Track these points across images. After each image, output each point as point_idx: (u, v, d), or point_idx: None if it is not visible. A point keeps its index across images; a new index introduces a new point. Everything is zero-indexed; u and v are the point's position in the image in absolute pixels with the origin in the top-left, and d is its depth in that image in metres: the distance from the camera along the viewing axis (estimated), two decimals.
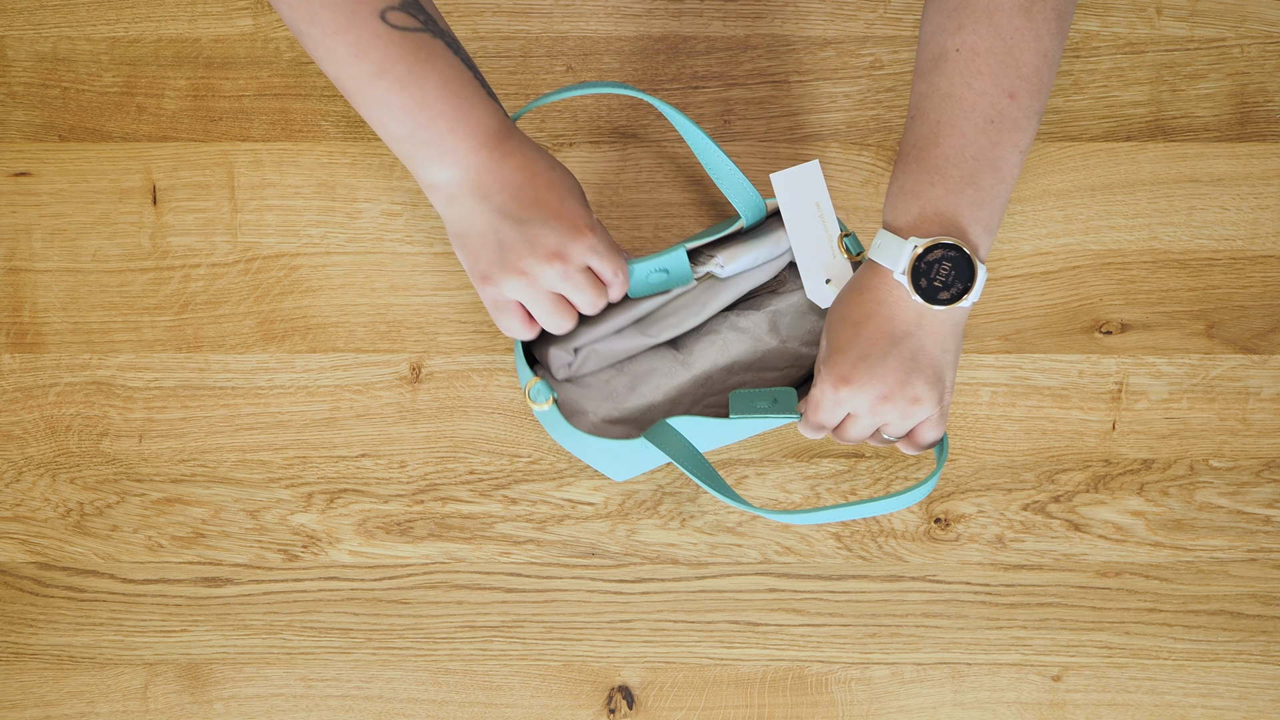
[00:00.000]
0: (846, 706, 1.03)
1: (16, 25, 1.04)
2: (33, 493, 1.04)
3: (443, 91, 0.81)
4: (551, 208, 0.83)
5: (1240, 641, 1.03)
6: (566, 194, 0.84)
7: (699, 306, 0.95)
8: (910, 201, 0.82)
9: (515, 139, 0.84)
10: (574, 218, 0.84)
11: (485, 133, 0.82)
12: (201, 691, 1.03)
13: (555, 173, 0.85)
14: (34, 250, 1.04)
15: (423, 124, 0.81)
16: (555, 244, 0.84)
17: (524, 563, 1.03)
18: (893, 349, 0.83)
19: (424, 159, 0.82)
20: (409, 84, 0.80)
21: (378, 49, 0.79)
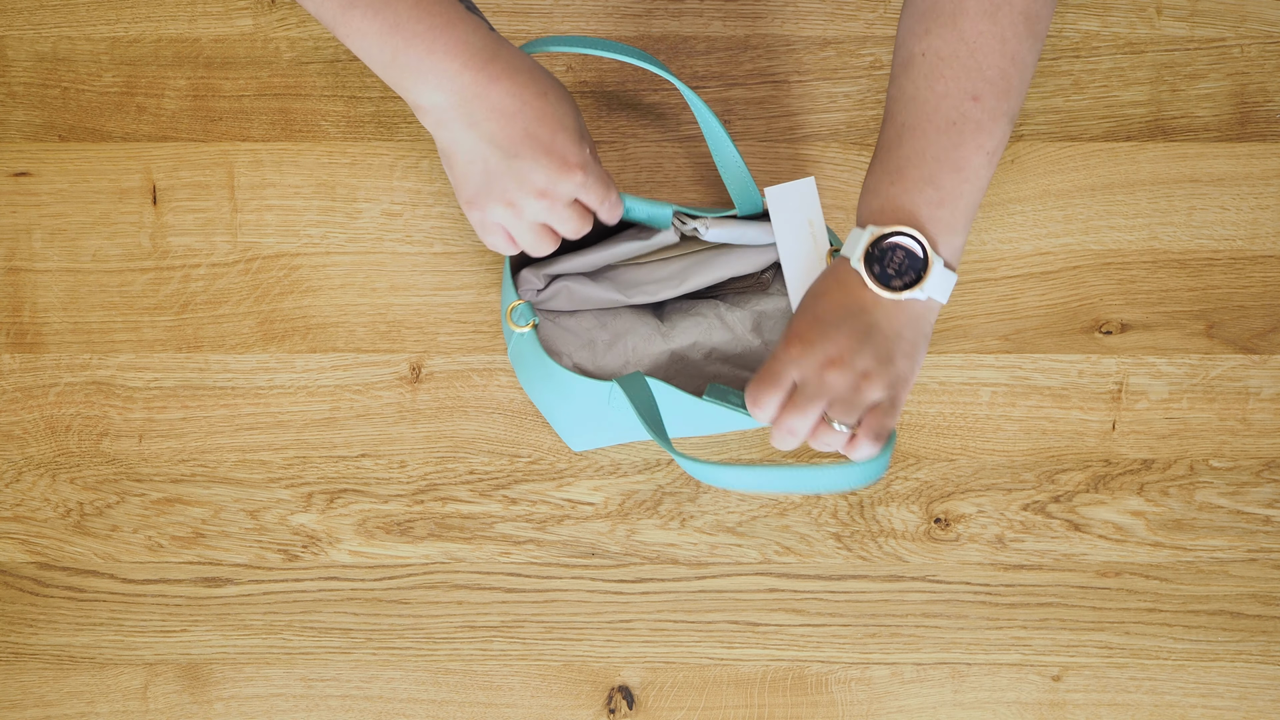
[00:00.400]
0: (846, 706, 1.03)
1: (16, 25, 1.04)
2: (33, 493, 1.04)
3: (415, 11, 0.79)
4: (542, 142, 0.82)
5: (1240, 641, 1.03)
6: (559, 127, 0.83)
7: (678, 280, 0.95)
8: (872, 199, 0.83)
9: (504, 58, 0.81)
10: (564, 153, 0.83)
11: (469, 51, 0.80)
12: (201, 691, 1.03)
13: (547, 100, 0.83)
14: (34, 250, 1.04)
15: (400, 48, 0.79)
16: (544, 182, 0.83)
17: (524, 563, 1.03)
18: (848, 318, 0.82)
19: (408, 84, 0.80)
20: (380, 8, 0.79)
21: None
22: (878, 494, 1.03)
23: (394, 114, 1.04)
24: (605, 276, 0.97)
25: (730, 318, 0.96)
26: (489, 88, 0.81)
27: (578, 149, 0.84)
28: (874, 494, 1.03)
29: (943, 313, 1.04)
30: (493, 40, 0.82)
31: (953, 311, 1.04)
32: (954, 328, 1.04)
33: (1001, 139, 0.82)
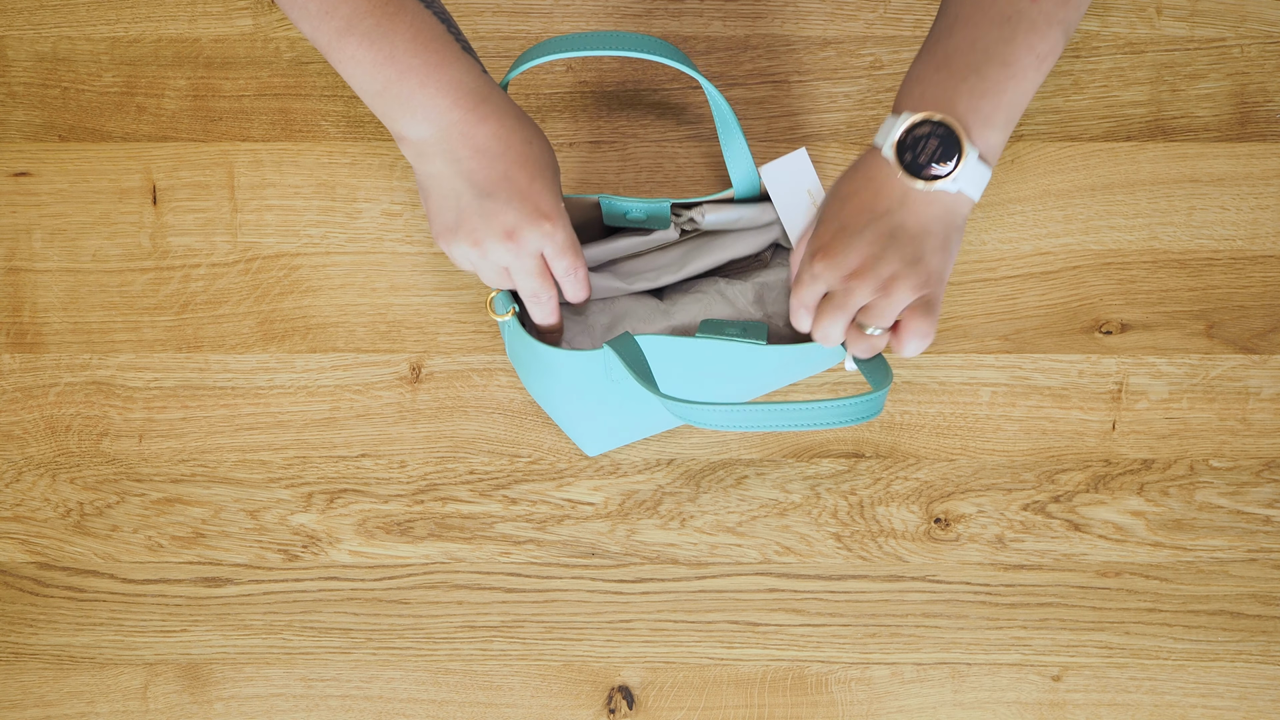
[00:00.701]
0: (846, 706, 1.03)
1: (16, 25, 1.04)
2: (33, 493, 1.04)
3: (412, 45, 0.79)
4: (518, 186, 0.82)
5: (1240, 641, 1.03)
6: (537, 174, 0.83)
7: (677, 266, 0.95)
8: (913, 86, 0.83)
9: (494, 102, 0.82)
10: (538, 200, 0.83)
11: (460, 90, 0.80)
12: (201, 691, 1.03)
13: (531, 147, 0.83)
14: (34, 250, 1.04)
15: (393, 79, 0.79)
16: (512, 223, 0.83)
17: (524, 563, 1.03)
18: (872, 223, 0.82)
19: (396, 114, 0.81)
20: (377, 38, 0.79)
21: (346, 3, 0.78)
22: (878, 494, 1.03)
23: None
24: (606, 267, 0.97)
25: (731, 291, 0.96)
26: (476, 127, 0.81)
27: (552, 200, 0.84)
28: (874, 494, 1.03)
29: (943, 312, 1.04)
30: (485, 83, 0.82)
31: (953, 311, 1.04)
32: (954, 328, 1.04)
33: (1054, 46, 0.81)
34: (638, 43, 0.88)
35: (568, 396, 0.95)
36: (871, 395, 0.83)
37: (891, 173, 0.82)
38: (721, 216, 0.94)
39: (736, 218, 0.95)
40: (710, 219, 0.94)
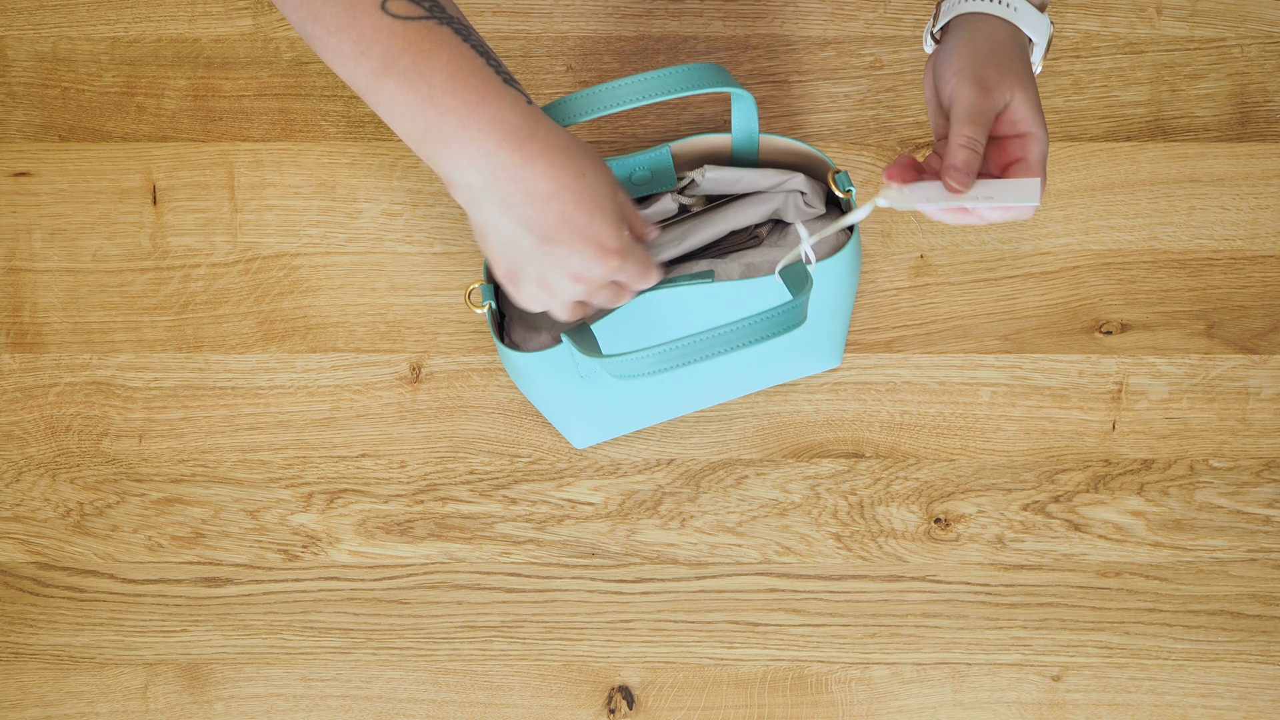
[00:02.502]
0: (846, 706, 1.03)
1: (16, 25, 1.04)
2: (33, 493, 1.04)
3: (450, 84, 0.75)
4: (579, 227, 0.78)
5: (1240, 641, 1.03)
6: (596, 209, 0.78)
7: (679, 240, 0.94)
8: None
9: (541, 136, 0.76)
10: (601, 239, 0.78)
11: (505, 129, 0.75)
12: (201, 691, 1.03)
13: (585, 181, 0.78)
14: (34, 250, 1.04)
15: (434, 121, 0.75)
16: (579, 267, 0.79)
17: (524, 563, 1.03)
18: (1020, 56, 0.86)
19: (441, 160, 0.76)
20: (414, 78, 0.75)
21: (380, 42, 0.74)
22: (878, 494, 1.03)
23: None
24: None
25: (720, 269, 0.95)
26: (524, 169, 0.76)
27: (615, 233, 0.79)
28: (874, 494, 1.03)
29: (943, 312, 1.04)
30: (530, 116, 0.76)
31: (953, 311, 1.04)
32: (954, 328, 1.04)
33: None
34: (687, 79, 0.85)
35: (545, 389, 0.95)
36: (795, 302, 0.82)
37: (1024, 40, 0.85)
38: (722, 175, 0.93)
39: (737, 179, 0.93)
40: (711, 177, 0.93)
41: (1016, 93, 0.83)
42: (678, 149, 0.94)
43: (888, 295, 1.04)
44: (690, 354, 0.83)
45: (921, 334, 1.04)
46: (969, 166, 0.81)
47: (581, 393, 0.95)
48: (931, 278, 1.04)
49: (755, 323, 0.82)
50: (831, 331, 0.98)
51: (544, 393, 0.95)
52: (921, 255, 1.04)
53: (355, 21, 0.74)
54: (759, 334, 0.83)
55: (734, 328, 0.82)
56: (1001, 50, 0.84)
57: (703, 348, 0.82)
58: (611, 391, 0.95)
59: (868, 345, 1.04)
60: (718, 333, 0.82)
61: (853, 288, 0.96)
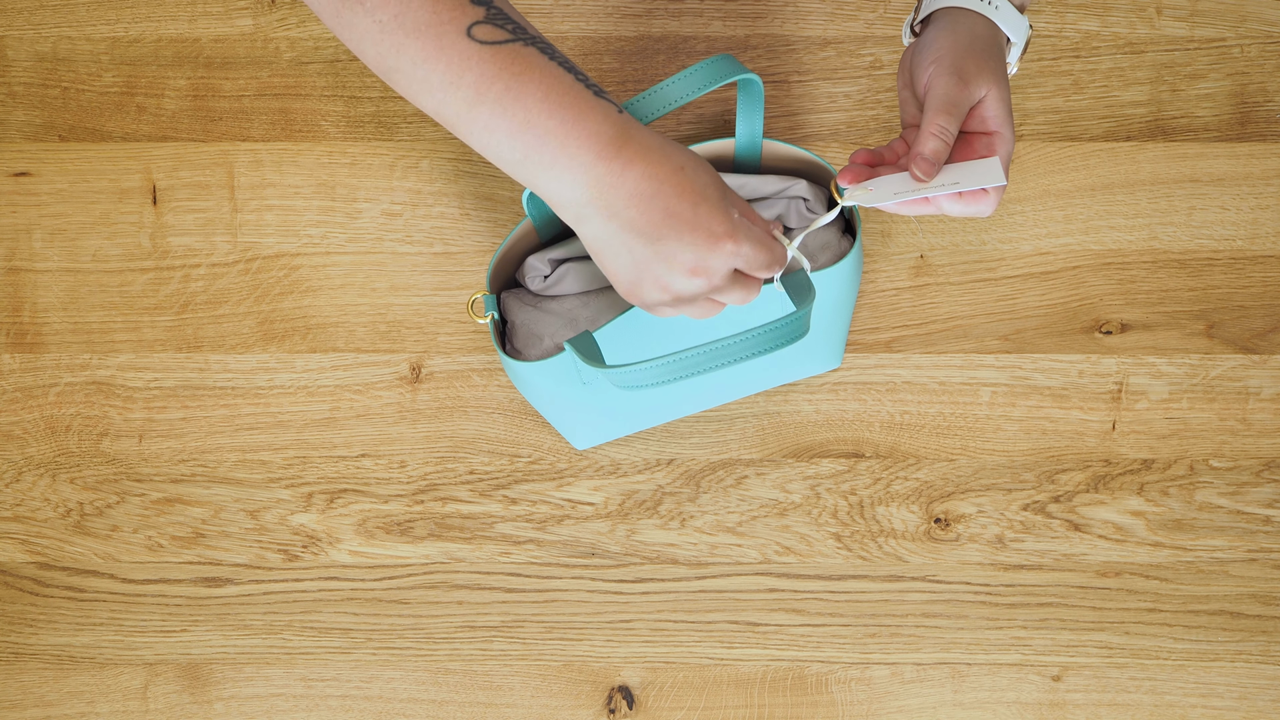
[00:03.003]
0: (846, 706, 1.03)
1: (16, 25, 1.04)
2: (33, 493, 1.04)
3: (545, 105, 0.75)
4: (685, 218, 0.77)
5: (1240, 641, 1.03)
6: (700, 198, 0.77)
7: None
8: None
9: (635, 142, 0.76)
10: (709, 225, 0.77)
11: (600, 142, 0.76)
12: (201, 691, 1.03)
13: (684, 175, 0.77)
14: (34, 250, 1.04)
15: (533, 145, 0.75)
16: (693, 259, 0.78)
17: (524, 563, 1.03)
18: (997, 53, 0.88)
19: (544, 180, 0.76)
20: (509, 104, 0.75)
21: (471, 70, 0.74)
22: (878, 494, 1.03)
23: (394, 114, 1.04)
24: None
25: None
26: (624, 174, 0.76)
27: (724, 217, 0.78)
28: (874, 494, 1.03)
29: (943, 312, 1.04)
30: (623, 124, 0.77)
31: (953, 311, 1.04)
32: (954, 328, 1.04)
33: None
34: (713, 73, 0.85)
35: (547, 395, 0.95)
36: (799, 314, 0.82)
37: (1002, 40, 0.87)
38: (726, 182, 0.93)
39: (740, 185, 0.93)
40: None
41: (992, 89, 0.84)
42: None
43: (888, 295, 1.04)
44: (694, 366, 0.83)
45: (921, 334, 1.04)
46: (937, 157, 0.82)
47: (584, 398, 0.95)
48: (931, 278, 1.04)
49: (759, 334, 0.82)
50: (832, 335, 0.98)
51: (546, 398, 0.95)
52: (921, 255, 1.04)
53: (442, 51, 0.74)
54: (763, 346, 0.82)
55: (738, 339, 0.81)
56: (981, 46, 0.85)
57: (707, 360, 0.82)
58: (614, 397, 0.95)
59: (868, 345, 1.04)
60: (722, 345, 0.82)
61: (854, 292, 0.96)
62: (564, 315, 0.94)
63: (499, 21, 0.75)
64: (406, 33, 0.74)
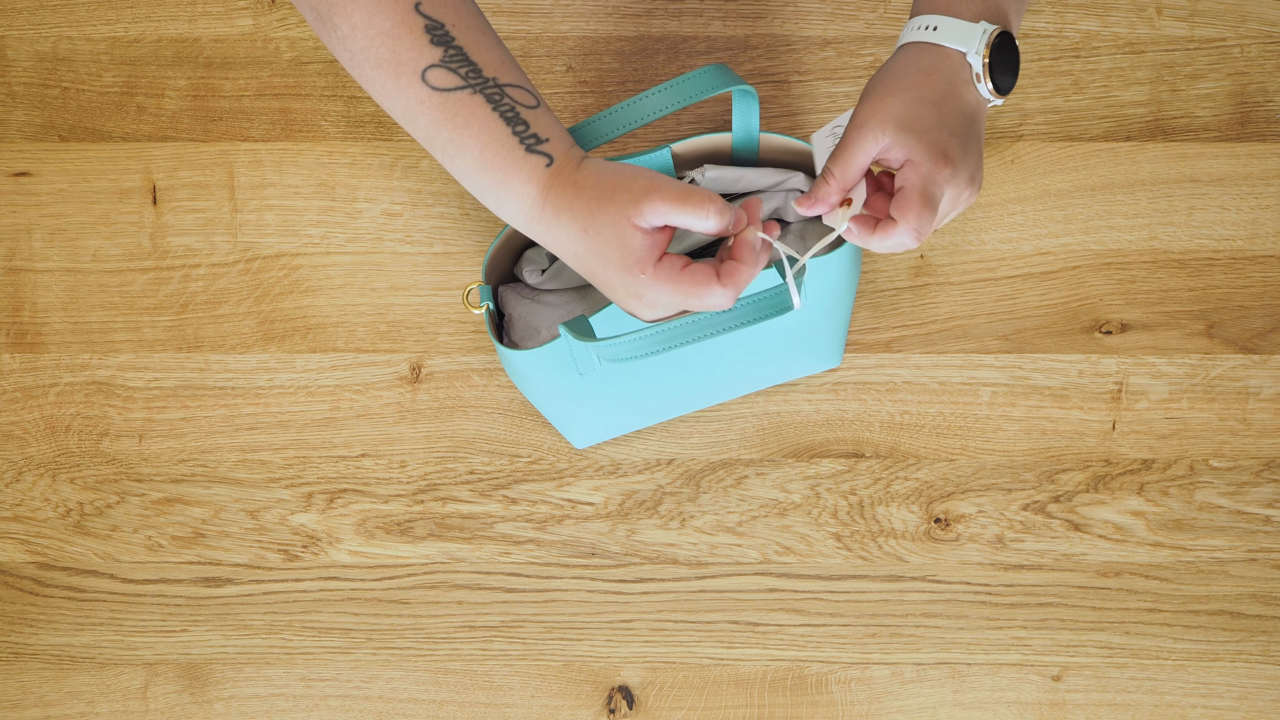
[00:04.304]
0: (846, 706, 1.03)
1: (16, 25, 1.04)
2: (33, 493, 1.04)
3: (479, 163, 0.79)
4: (601, 281, 0.80)
5: (1240, 641, 1.03)
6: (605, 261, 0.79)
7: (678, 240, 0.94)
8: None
9: (550, 206, 0.79)
10: (621, 285, 0.79)
11: (525, 204, 0.80)
12: (201, 691, 1.03)
13: (589, 237, 0.79)
14: (34, 250, 1.04)
15: (478, 194, 0.81)
16: (630, 290, 0.80)
17: (524, 563, 1.03)
18: (970, 128, 0.82)
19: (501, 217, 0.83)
20: (452, 154, 0.79)
21: (423, 115, 0.78)
22: (878, 494, 1.03)
23: None
24: None
25: None
26: (550, 228, 0.80)
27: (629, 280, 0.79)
28: (874, 494, 1.03)
29: (943, 312, 1.04)
30: (544, 183, 0.79)
31: (953, 311, 1.04)
32: (954, 328, 1.04)
33: None
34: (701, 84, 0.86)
35: (544, 388, 0.95)
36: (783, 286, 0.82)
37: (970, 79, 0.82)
38: (722, 175, 0.93)
39: (737, 178, 0.93)
40: (711, 176, 0.93)
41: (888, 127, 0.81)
42: (678, 149, 0.94)
43: (888, 295, 1.04)
44: (682, 335, 0.83)
45: (921, 334, 1.04)
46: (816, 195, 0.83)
47: (581, 391, 0.95)
48: (931, 278, 1.04)
49: (748, 305, 0.83)
50: (831, 330, 0.98)
51: (543, 392, 0.95)
52: (921, 255, 1.04)
53: (400, 90, 0.78)
54: (752, 315, 0.83)
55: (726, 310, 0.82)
56: (891, 80, 0.82)
57: (695, 329, 0.83)
58: (611, 389, 0.95)
59: (868, 345, 1.04)
60: (708, 315, 0.83)
61: (852, 286, 0.96)
62: (561, 308, 0.94)
63: (454, 64, 0.78)
64: (371, 66, 0.78)
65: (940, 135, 0.81)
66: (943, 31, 0.82)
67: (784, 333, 0.96)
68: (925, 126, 0.81)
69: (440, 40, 0.78)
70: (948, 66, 0.82)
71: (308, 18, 0.79)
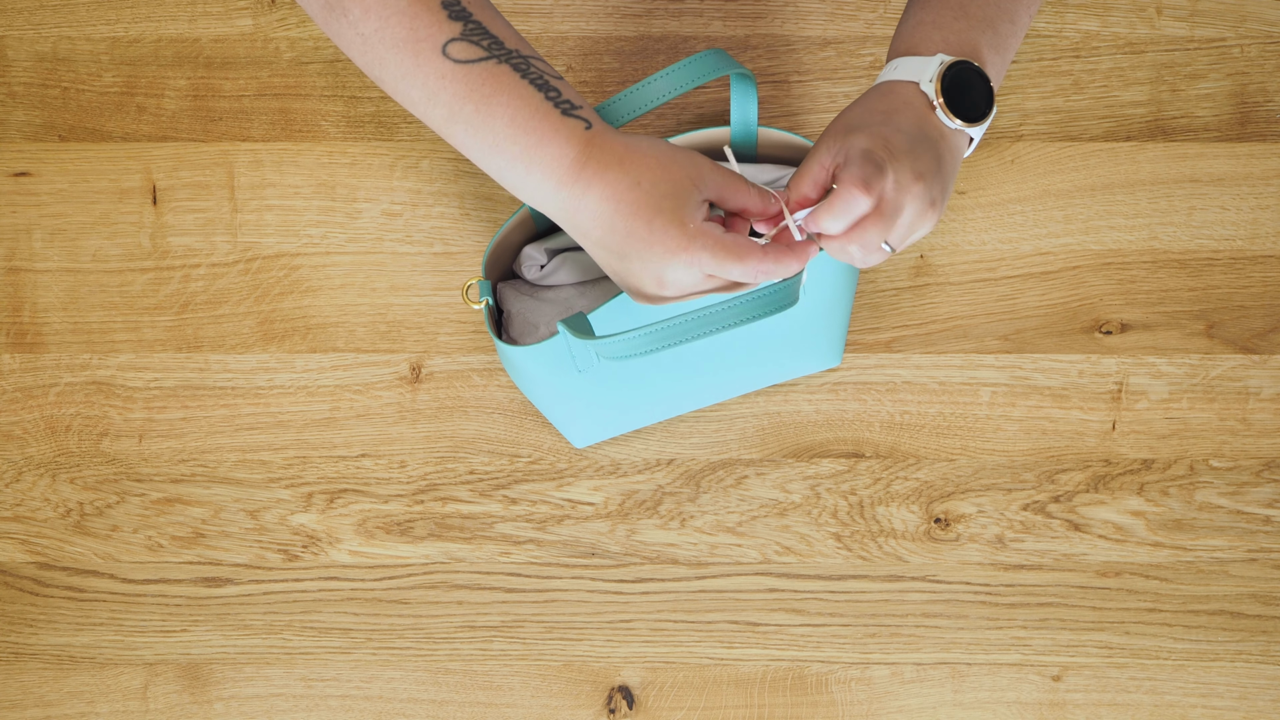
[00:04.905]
0: (846, 706, 1.03)
1: (16, 25, 1.04)
2: (33, 493, 1.04)
3: (511, 130, 0.77)
4: (640, 236, 0.77)
5: (1240, 641, 1.03)
6: (654, 213, 0.77)
7: None
8: (933, 31, 0.83)
9: (594, 162, 0.77)
10: (665, 239, 0.77)
11: (561, 167, 0.77)
12: (201, 691, 1.03)
13: (639, 191, 0.77)
14: (34, 250, 1.04)
15: (504, 166, 0.78)
16: (655, 274, 0.78)
17: (524, 563, 1.03)
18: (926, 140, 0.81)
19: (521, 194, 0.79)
20: (479, 125, 0.77)
21: (445, 90, 0.76)
22: (878, 494, 1.03)
23: (394, 114, 1.04)
24: None
25: None
26: (583, 198, 0.78)
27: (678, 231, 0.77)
28: (874, 494, 1.03)
29: (943, 312, 1.04)
30: (587, 144, 0.78)
31: (953, 311, 1.04)
32: (954, 328, 1.04)
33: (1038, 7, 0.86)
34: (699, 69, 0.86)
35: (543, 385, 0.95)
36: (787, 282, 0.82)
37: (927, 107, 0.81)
38: None
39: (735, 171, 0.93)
40: None
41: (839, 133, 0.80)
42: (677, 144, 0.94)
43: (888, 295, 1.04)
44: (680, 333, 0.83)
45: (921, 334, 1.04)
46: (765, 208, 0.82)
47: (580, 389, 0.95)
48: (931, 278, 1.04)
49: (746, 301, 0.82)
50: (831, 329, 0.98)
51: (542, 389, 0.95)
52: (921, 255, 1.04)
53: (419, 68, 0.76)
54: (750, 313, 0.83)
55: (725, 306, 0.82)
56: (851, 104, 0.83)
57: (693, 327, 0.83)
58: (610, 387, 0.95)
59: (868, 345, 1.04)
60: (708, 312, 0.82)
61: (852, 284, 0.96)
62: (560, 304, 0.94)
63: (475, 38, 0.76)
64: (387, 47, 0.76)
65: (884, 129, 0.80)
66: (901, 69, 0.83)
67: (784, 332, 0.96)
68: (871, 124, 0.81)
69: (458, 15, 0.77)
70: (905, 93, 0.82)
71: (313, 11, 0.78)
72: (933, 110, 0.81)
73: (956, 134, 0.82)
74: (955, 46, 0.83)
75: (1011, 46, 0.84)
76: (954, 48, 0.83)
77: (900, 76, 0.82)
